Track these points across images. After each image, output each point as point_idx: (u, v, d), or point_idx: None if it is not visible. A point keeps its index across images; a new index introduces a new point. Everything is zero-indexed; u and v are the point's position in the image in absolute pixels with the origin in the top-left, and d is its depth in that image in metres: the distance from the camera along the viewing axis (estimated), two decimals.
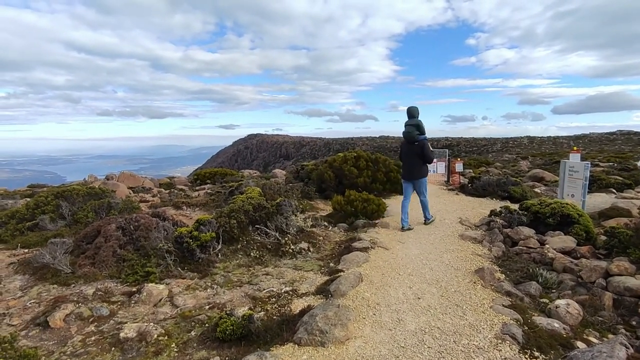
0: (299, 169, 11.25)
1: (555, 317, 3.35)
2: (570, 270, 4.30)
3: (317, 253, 5.04)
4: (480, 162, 29.61)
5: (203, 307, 3.58)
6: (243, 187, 8.48)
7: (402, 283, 3.85)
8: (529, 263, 4.61)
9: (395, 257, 4.70)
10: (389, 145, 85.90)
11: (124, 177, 21.76)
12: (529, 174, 13.48)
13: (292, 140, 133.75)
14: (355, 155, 9.48)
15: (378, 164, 9.45)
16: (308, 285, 3.92)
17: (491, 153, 59.03)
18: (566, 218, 5.70)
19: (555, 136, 68.17)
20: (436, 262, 4.54)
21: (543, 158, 35.28)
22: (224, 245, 5.20)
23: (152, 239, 4.83)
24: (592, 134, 64.10)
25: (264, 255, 4.94)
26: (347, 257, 4.41)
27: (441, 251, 4.95)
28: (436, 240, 5.45)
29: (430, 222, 6.43)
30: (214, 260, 4.73)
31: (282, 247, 5.05)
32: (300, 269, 4.45)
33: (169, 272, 4.40)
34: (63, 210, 6.55)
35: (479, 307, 3.31)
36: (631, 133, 57.81)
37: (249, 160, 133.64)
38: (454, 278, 4.02)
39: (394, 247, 5.13)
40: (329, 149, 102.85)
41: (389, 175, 9.28)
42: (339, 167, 9.10)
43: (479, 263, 4.50)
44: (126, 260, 4.59)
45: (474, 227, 6.18)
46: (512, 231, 5.56)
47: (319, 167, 9.86)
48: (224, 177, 21.74)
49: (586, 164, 6.68)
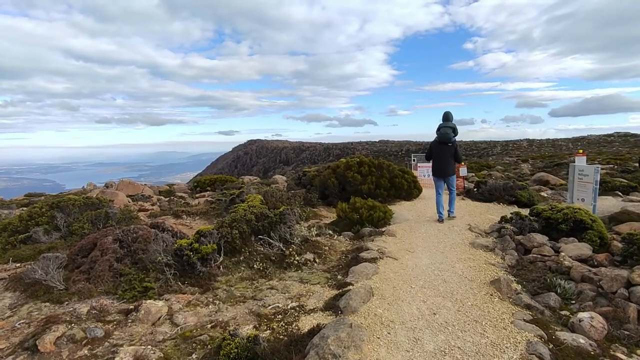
0: (300, 175, 11.06)
1: (579, 331, 3.14)
2: (589, 280, 4.09)
3: (323, 264, 4.83)
4: (482, 165, 29.44)
5: (205, 325, 3.36)
6: (244, 195, 8.29)
7: (415, 297, 3.64)
8: (545, 272, 4.40)
9: (406, 268, 4.49)
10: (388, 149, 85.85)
11: (124, 185, 21.59)
12: (534, 178, 13.29)
13: (292, 146, 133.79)
14: (358, 161, 9.30)
15: (382, 170, 9.27)
16: (315, 300, 3.71)
17: (491, 156, 59.00)
18: (579, 224, 5.51)
19: (554, 138, 68.21)
20: (449, 272, 4.33)
21: (544, 160, 35.16)
22: (225, 257, 5.00)
23: (151, 251, 4.61)
24: (590, 136, 64.16)
25: (268, 268, 4.73)
26: (355, 269, 4.20)
27: (453, 261, 4.74)
28: (446, 249, 5.25)
29: (453, 216, 7.03)
30: (216, 274, 4.52)
31: (287, 258, 4.84)
32: (306, 282, 4.24)
33: (169, 287, 4.19)
34: (58, 222, 6.34)
35: (499, 323, 3.10)
36: (628, 135, 57.90)
37: (248, 166, 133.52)
38: (469, 290, 3.81)
39: (403, 257, 4.92)
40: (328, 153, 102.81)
41: (393, 181, 9.09)
42: (342, 173, 8.92)
43: (494, 273, 4.29)
44: (123, 275, 4.38)
45: (484, 234, 5.98)
46: (525, 238, 5.36)
47: (322, 173, 9.68)
48: (224, 184, 21.54)
49: (596, 168, 6.50)
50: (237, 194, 8.31)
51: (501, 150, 64.96)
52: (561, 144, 61.50)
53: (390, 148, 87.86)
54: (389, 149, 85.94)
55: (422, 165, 14.73)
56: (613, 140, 55.75)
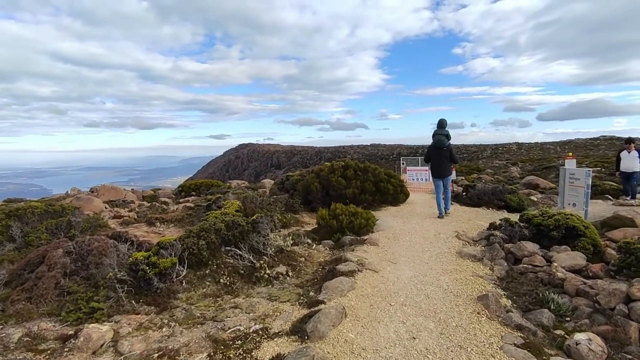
0: (284, 179, 10.64)
1: (576, 356, 2.79)
2: (584, 294, 3.75)
3: (297, 278, 4.41)
4: (472, 168, 29.40)
5: (151, 355, 2.92)
6: (221, 201, 7.84)
7: (393, 317, 3.24)
8: (536, 285, 4.06)
9: (386, 281, 4.10)
10: (380, 153, 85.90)
11: (105, 189, 20.91)
12: (523, 181, 13.07)
13: (284, 150, 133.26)
14: (343, 165, 8.92)
15: (367, 174, 8.90)
16: (282, 321, 3.29)
17: (481, 159, 59.38)
18: (571, 231, 5.20)
19: (542, 142, 68.89)
20: (432, 286, 3.95)
21: (532, 164, 35.28)
22: (190, 270, 4.55)
23: (106, 265, 4.15)
24: (577, 139, 64.99)
25: (235, 282, 4.29)
26: (329, 285, 3.79)
27: (438, 273, 4.37)
28: (431, 259, 4.88)
29: (448, 212, 7.75)
30: (176, 290, 4.07)
31: (257, 271, 4.41)
32: (275, 299, 3.81)
33: (120, 306, 3.73)
34: (14, 232, 5.82)
35: (486, 349, 2.72)
36: (614, 138, 58.80)
37: (240, 170, 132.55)
38: (455, 308, 3.43)
39: (384, 268, 4.53)
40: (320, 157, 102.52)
41: (378, 186, 8.73)
42: (326, 178, 8.53)
43: (482, 287, 3.93)
44: (71, 293, 3.91)
45: (472, 242, 5.63)
46: (515, 246, 5.02)
47: (305, 177, 9.27)
48: (209, 189, 21.01)
49: (587, 171, 6.23)
50: (213, 200, 7.85)
51: (491, 154, 65.40)
52: (549, 147, 62.18)
53: (382, 152, 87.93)
54: (381, 153, 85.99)
55: (411, 168, 14.43)
56: (599, 143, 56.54)
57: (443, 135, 7.34)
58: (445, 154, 7.35)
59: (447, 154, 7.34)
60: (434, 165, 7.55)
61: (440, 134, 7.35)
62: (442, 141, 7.32)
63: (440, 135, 7.33)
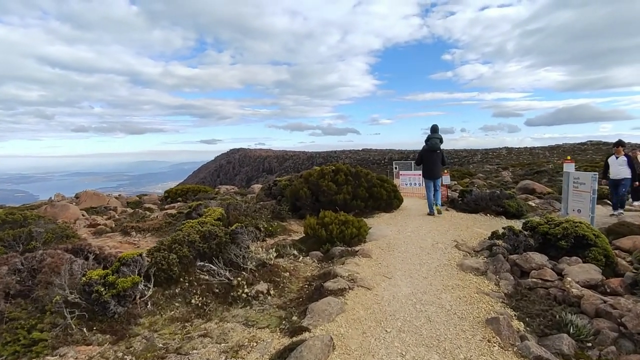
0: (271, 184, 10.09)
1: None
2: (606, 315, 3.29)
3: (280, 297, 3.88)
4: (463, 173, 29.20)
5: None
6: (202, 209, 7.27)
7: (390, 347, 2.74)
8: (550, 303, 3.60)
9: (381, 301, 3.60)
10: (371, 158, 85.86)
11: (87, 196, 20.14)
12: (519, 186, 12.75)
13: (275, 155, 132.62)
14: (334, 169, 8.43)
15: (359, 179, 8.43)
16: (259, 354, 2.76)
17: (472, 164, 59.59)
18: (581, 240, 4.77)
19: (531, 147, 69.52)
20: (433, 306, 3.46)
21: (523, 168, 35.26)
22: (158, 288, 3.99)
23: (56, 286, 3.57)
24: (565, 144, 65.68)
25: (209, 303, 3.75)
26: (315, 307, 3.27)
27: (438, 289, 3.89)
28: (430, 273, 4.39)
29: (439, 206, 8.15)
30: (138, 314, 3.50)
31: (234, 290, 3.87)
32: (253, 325, 3.28)
33: (69, 336, 3.15)
34: None
35: None
36: (600, 143, 59.55)
37: (231, 175, 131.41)
38: (461, 334, 2.94)
39: (378, 285, 4.03)
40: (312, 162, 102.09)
41: (371, 191, 8.25)
42: (315, 183, 8.02)
43: (489, 306, 3.45)
44: (12, 320, 3.32)
45: (473, 253, 5.17)
46: (521, 258, 4.56)
47: (293, 182, 8.75)
48: (196, 195, 20.33)
49: (593, 175, 5.84)
50: (194, 207, 7.28)
51: (481, 158, 65.75)
52: (538, 152, 62.71)
53: (373, 156, 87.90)
54: (372, 158, 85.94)
55: (404, 173, 14.00)
56: (586, 148, 57.22)
57: (437, 139, 7.83)
58: (439, 157, 7.87)
59: (440, 157, 7.88)
60: (427, 167, 7.96)
61: (435, 138, 7.82)
62: (437, 145, 7.82)
63: (434, 139, 7.81)
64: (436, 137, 7.80)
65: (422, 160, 8.04)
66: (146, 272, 3.92)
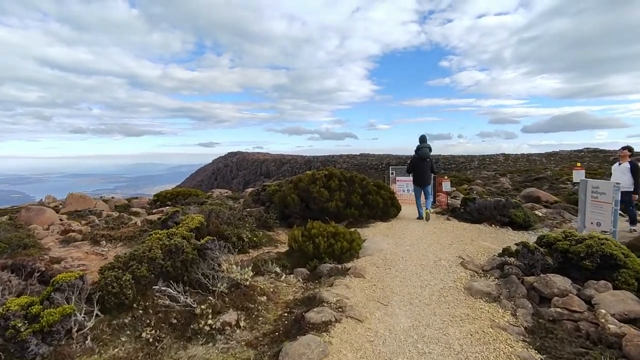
0: (259, 190, 9.40)
1: None
2: None
3: (251, 330, 3.18)
4: (461, 179, 28.56)
5: None
6: (178, 216, 6.56)
7: None
8: (583, 343, 2.92)
9: (374, 338, 2.91)
10: (369, 162, 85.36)
11: (73, 199, 19.48)
12: (523, 194, 12.10)
13: (273, 158, 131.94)
14: (326, 174, 7.76)
15: (354, 184, 7.76)
16: None
17: (469, 170, 59.17)
18: (607, 259, 4.11)
19: (528, 153, 69.18)
20: (439, 346, 2.78)
21: (521, 175, 34.68)
22: (106, 317, 3.29)
23: None
24: (562, 151, 65.40)
25: (163, 338, 3.05)
26: (291, 351, 2.57)
27: (444, 321, 3.21)
28: (434, 298, 3.71)
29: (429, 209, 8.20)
30: (69, 355, 2.80)
31: (196, 320, 3.18)
32: None
33: None
34: None
35: None
36: (597, 150, 59.33)
37: (228, 178, 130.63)
38: None
39: (372, 314, 3.34)
40: (309, 166, 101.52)
41: (366, 198, 7.58)
42: (306, 189, 7.35)
43: (507, 347, 2.78)
44: None
45: (481, 272, 4.49)
46: (539, 281, 3.89)
47: (283, 188, 8.07)
48: (186, 198, 19.59)
49: (615, 185, 5.19)
50: (170, 214, 6.58)
51: (478, 165, 65.38)
52: (535, 158, 62.43)
53: (371, 161, 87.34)
54: (370, 162, 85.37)
55: (401, 179, 13.32)
56: (584, 155, 56.99)
57: (426, 148, 8.22)
58: (429, 165, 8.29)
59: (430, 164, 8.31)
60: (418, 175, 8.35)
61: (425, 147, 8.20)
62: (427, 153, 8.20)
63: (425, 149, 8.19)
64: (425, 147, 8.22)
65: (413, 168, 8.43)
66: (90, 296, 3.23)
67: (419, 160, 8.21)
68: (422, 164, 8.21)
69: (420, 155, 8.17)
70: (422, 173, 8.26)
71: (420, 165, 8.25)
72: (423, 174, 8.25)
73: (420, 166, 8.25)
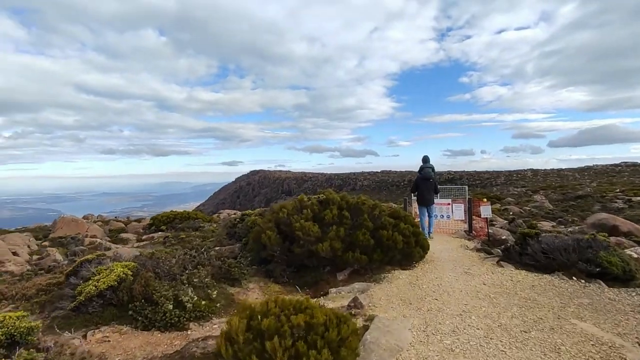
0: (236, 221, 7.15)
1: None
2: None
3: None
4: (489, 197, 24.95)
5: None
6: (93, 266, 4.38)
7: None
8: None
9: None
10: (390, 180, 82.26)
11: (64, 223, 18.31)
12: (592, 221, 9.20)
13: (294, 176, 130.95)
14: (320, 200, 5.44)
15: (360, 215, 5.38)
16: None
17: (495, 186, 55.08)
18: None
19: (559, 168, 64.51)
20: None
21: (556, 191, 30.64)
22: None
23: None
24: (596, 165, 60.30)
25: None
26: None
27: None
28: None
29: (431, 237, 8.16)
30: None
31: None
32: None
33: None
34: None
35: None
36: (637, 165, 54.04)
37: (250, 196, 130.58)
38: None
39: None
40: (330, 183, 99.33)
41: (379, 235, 5.16)
42: (287, 222, 5.05)
43: None
44: None
45: None
46: None
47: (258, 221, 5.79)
48: (182, 222, 17.86)
49: None
50: (79, 262, 4.42)
51: (505, 180, 60.94)
52: (567, 173, 57.51)
53: (393, 178, 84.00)
54: (392, 179, 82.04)
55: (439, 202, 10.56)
56: (621, 170, 51.76)
57: (429, 168, 8.46)
58: (432, 185, 8.42)
59: (433, 185, 8.44)
60: (422, 194, 8.42)
61: (428, 167, 8.43)
62: (430, 174, 8.38)
63: (428, 169, 8.42)
64: (429, 167, 8.47)
65: (417, 188, 8.58)
66: None
67: (422, 180, 8.44)
68: (426, 184, 8.43)
69: (423, 176, 8.42)
70: (425, 193, 8.43)
71: (423, 185, 8.46)
72: (427, 194, 8.43)
73: (424, 186, 8.46)
